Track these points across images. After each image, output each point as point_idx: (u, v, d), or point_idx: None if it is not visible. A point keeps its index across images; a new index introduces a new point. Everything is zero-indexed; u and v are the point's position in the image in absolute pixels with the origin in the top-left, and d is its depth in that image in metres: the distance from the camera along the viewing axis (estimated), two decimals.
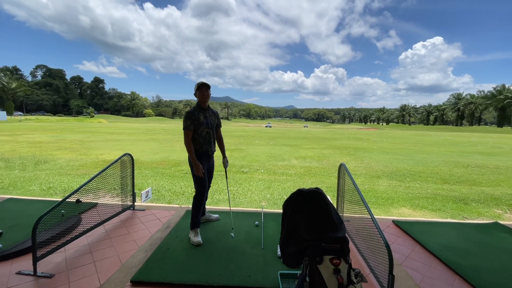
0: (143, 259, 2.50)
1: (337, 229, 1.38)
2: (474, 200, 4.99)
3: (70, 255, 2.57)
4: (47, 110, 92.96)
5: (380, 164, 9.16)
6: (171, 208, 3.94)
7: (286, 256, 1.49)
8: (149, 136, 19.72)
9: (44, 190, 4.96)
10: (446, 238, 3.13)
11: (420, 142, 21.11)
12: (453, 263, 2.57)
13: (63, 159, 8.55)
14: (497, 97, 68.16)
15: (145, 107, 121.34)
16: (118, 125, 41.87)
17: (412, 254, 2.78)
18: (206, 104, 3.02)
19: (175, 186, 5.39)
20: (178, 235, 3.00)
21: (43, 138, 15.21)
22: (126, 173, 3.63)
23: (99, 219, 3.09)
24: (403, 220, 3.69)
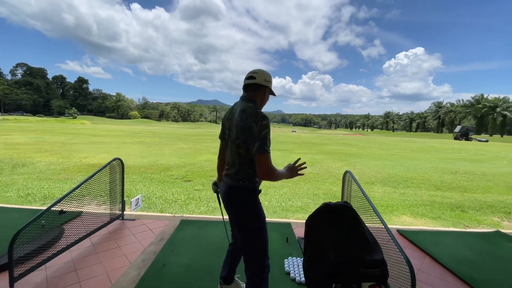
0: (136, 278, 2.23)
1: (373, 250, 1.21)
2: (470, 208, 4.99)
3: (51, 273, 2.26)
4: (27, 110, 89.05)
5: (372, 170, 9.17)
6: (164, 217, 3.66)
7: (312, 280, 1.30)
8: (136, 139, 19.08)
9: (22, 197, 4.54)
10: (453, 248, 3.04)
11: (407, 148, 21.57)
12: (467, 276, 2.46)
13: (43, 162, 8.01)
14: (476, 106, 71.35)
15: (131, 109, 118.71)
16: (102, 127, 40.47)
17: (423, 266, 2.66)
18: None
19: (166, 193, 5.09)
20: (174, 248, 2.74)
21: (22, 140, 14.35)
22: (115, 179, 3.34)
23: (85, 231, 2.78)
24: (407, 229, 3.59)
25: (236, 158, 1.58)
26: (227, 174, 1.64)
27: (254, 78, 1.67)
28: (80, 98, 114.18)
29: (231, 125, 1.65)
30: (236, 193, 1.59)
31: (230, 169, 1.62)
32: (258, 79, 1.67)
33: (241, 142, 1.53)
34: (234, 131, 1.58)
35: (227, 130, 1.71)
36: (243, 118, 1.52)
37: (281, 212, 4.31)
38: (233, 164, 1.60)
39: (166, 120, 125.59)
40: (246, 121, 1.50)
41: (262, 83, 1.68)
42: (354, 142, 27.26)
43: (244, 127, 1.51)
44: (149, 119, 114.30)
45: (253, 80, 1.67)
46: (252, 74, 1.69)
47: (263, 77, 1.68)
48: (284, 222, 3.62)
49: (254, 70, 1.71)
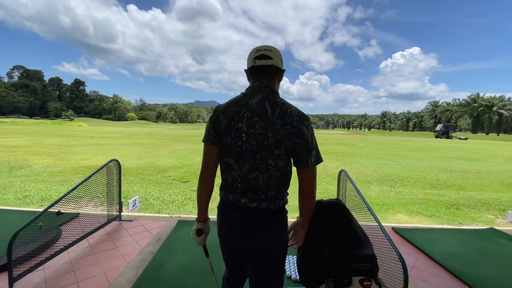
0: (133, 278, 2.26)
1: (363, 245, 1.25)
2: (465, 205, 5.06)
3: (50, 274, 2.28)
4: (23, 112, 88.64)
5: (369, 169, 9.23)
6: (161, 218, 3.68)
7: (306, 276, 1.33)
8: (133, 140, 19.05)
9: (20, 199, 4.55)
10: (447, 245, 3.09)
11: (403, 147, 21.71)
12: (460, 272, 2.51)
13: (40, 164, 7.99)
14: (472, 105, 71.94)
15: (128, 111, 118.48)
16: (99, 128, 40.34)
17: (417, 263, 2.70)
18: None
19: (163, 194, 5.11)
20: (171, 248, 2.77)
21: (19, 142, 14.29)
22: (111, 180, 3.36)
23: (82, 232, 2.80)
24: (402, 227, 3.63)
25: (274, 173, 1.18)
26: (256, 194, 1.18)
27: (271, 59, 1.22)
28: (77, 100, 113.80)
29: (262, 129, 1.14)
30: (279, 216, 1.23)
31: (260, 188, 1.18)
32: (275, 59, 1.23)
33: (283, 152, 1.15)
34: (271, 138, 1.13)
35: (244, 135, 1.17)
36: (288, 120, 1.13)
37: None
38: (267, 181, 1.17)
39: (164, 121, 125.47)
40: (293, 125, 1.13)
41: (279, 65, 1.25)
42: (351, 142, 27.38)
43: (292, 133, 1.13)
44: (146, 120, 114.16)
45: (270, 61, 1.22)
46: (265, 53, 1.22)
47: (279, 57, 1.25)
48: None
49: (264, 46, 1.24)
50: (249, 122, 1.16)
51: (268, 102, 1.17)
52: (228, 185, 1.24)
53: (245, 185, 1.19)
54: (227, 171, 1.24)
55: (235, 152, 1.19)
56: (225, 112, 1.21)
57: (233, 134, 1.18)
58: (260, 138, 1.15)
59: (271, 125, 1.13)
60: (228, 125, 1.19)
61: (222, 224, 1.29)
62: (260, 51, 1.22)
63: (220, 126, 1.21)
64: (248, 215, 1.20)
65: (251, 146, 1.16)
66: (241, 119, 1.17)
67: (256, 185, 1.18)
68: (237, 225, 1.22)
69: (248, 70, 1.27)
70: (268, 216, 1.20)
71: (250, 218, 1.19)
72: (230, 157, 1.21)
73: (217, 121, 1.22)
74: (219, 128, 1.22)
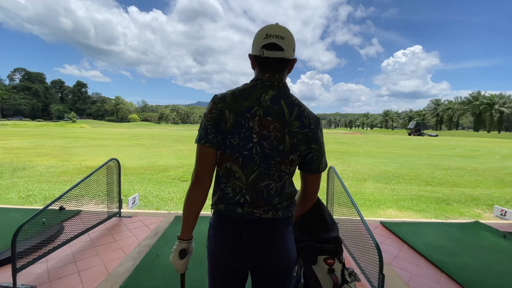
0: (131, 267, 2.42)
1: (330, 229, 1.39)
2: (456, 201, 5.19)
3: (52, 265, 2.45)
4: (25, 115, 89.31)
5: (366, 168, 9.36)
6: (160, 214, 3.85)
7: None
8: (135, 141, 19.28)
9: (23, 198, 4.73)
10: (431, 238, 3.23)
11: (403, 146, 21.78)
12: (439, 261, 2.65)
13: (43, 165, 8.20)
14: (473, 103, 71.66)
15: (130, 112, 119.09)
16: (101, 130, 40.69)
17: (400, 254, 2.85)
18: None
19: (163, 192, 5.28)
20: (167, 241, 2.93)
21: (21, 144, 14.55)
22: (112, 179, 3.52)
23: (83, 227, 2.97)
24: (390, 221, 3.77)
25: (288, 181, 1.05)
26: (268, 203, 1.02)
27: (282, 50, 0.99)
28: (79, 102, 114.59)
29: (277, 131, 0.98)
30: (289, 225, 1.11)
31: (272, 198, 1.02)
32: (287, 50, 1.01)
33: (296, 157, 1.02)
34: (288, 143, 0.98)
35: (255, 137, 0.97)
36: (306, 123, 1.00)
37: None
38: (281, 191, 1.03)
39: (166, 122, 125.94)
40: (311, 128, 1.01)
41: (291, 56, 1.03)
42: (352, 141, 27.46)
43: (309, 137, 1.01)
44: (148, 121, 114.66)
45: (281, 53, 1.00)
46: (277, 41, 0.98)
47: (292, 45, 1.03)
48: None
49: (275, 29, 1.00)
50: (262, 122, 0.97)
51: (284, 100, 1.00)
52: (230, 197, 1.02)
53: (254, 196, 1.00)
54: (228, 179, 1.02)
55: (242, 157, 0.98)
56: (232, 107, 0.98)
57: (242, 135, 0.97)
58: (275, 141, 0.98)
59: (288, 127, 0.98)
60: (237, 123, 0.97)
61: (222, 244, 1.05)
62: (269, 37, 0.98)
63: (226, 123, 0.98)
64: (261, 228, 1.02)
65: (263, 150, 0.98)
66: (253, 117, 0.97)
67: (267, 196, 1.01)
68: (249, 239, 1.02)
69: (253, 58, 1.05)
70: (284, 225, 1.06)
71: (264, 232, 1.02)
72: (234, 162, 0.99)
73: (220, 117, 0.98)
74: (224, 126, 0.98)
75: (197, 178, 1.03)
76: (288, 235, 1.09)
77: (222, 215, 1.05)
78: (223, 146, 1.00)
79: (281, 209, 1.04)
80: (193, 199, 1.04)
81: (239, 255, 1.03)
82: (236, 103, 0.98)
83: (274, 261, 1.04)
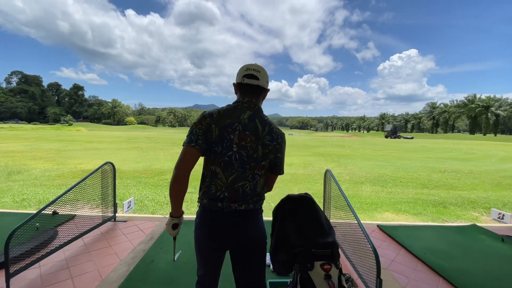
0: (125, 273, 2.38)
1: (326, 234, 1.38)
2: (452, 204, 5.20)
3: (45, 270, 2.40)
4: (22, 118, 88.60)
5: (363, 171, 9.37)
6: (155, 218, 3.81)
7: (277, 264, 1.46)
8: (131, 144, 19.18)
9: (18, 202, 4.67)
10: (428, 241, 3.22)
11: (399, 149, 21.89)
12: (437, 265, 2.64)
13: (38, 169, 8.11)
14: (469, 106, 72.36)
15: (127, 115, 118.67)
16: (98, 133, 40.46)
17: (397, 258, 2.83)
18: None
19: (158, 196, 5.23)
20: (162, 246, 2.89)
21: (17, 147, 14.40)
22: (107, 183, 3.48)
23: (77, 232, 2.92)
24: (387, 224, 3.76)
25: (260, 181, 1.33)
26: (244, 198, 1.29)
27: (258, 79, 1.33)
28: (76, 105, 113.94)
29: (252, 143, 1.27)
30: (260, 214, 1.38)
31: (247, 195, 1.29)
32: (261, 80, 1.34)
33: (267, 163, 1.33)
34: (260, 153, 1.28)
35: (235, 147, 1.26)
36: (274, 137, 1.31)
37: (268, 212, 4.43)
38: (254, 189, 1.31)
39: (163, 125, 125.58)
40: (278, 141, 1.32)
41: (264, 85, 1.36)
42: (349, 144, 27.55)
43: (276, 148, 1.32)
44: (145, 124, 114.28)
45: (257, 81, 1.33)
46: (254, 73, 1.32)
47: (266, 78, 1.37)
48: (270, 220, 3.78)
49: (254, 65, 1.35)
50: (241, 135, 1.26)
51: (258, 119, 1.30)
52: (213, 193, 1.28)
53: (231, 193, 1.27)
54: (212, 179, 1.29)
55: (224, 162, 1.26)
56: (217, 122, 1.26)
57: (224, 144, 1.25)
58: (250, 151, 1.27)
59: (261, 140, 1.28)
60: (221, 135, 1.25)
61: (207, 229, 1.32)
62: (249, 70, 1.32)
63: (212, 135, 1.25)
64: (238, 216, 1.29)
65: (241, 157, 1.26)
66: (234, 131, 1.26)
67: (243, 194, 1.28)
68: (227, 226, 1.29)
69: (237, 85, 1.37)
70: (255, 214, 1.34)
71: (240, 218, 1.30)
72: (217, 166, 1.27)
73: (208, 129, 1.26)
74: (210, 136, 1.25)
75: (177, 176, 1.25)
76: (259, 220, 1.37)
77: (206, 208, 1.32)
78: (208, 152, 1.28)
79: (252, 202, 1.31)
80: (180, 186, 1.27)
81: (217, 239, 1.32)
82: (220, 119, 1.27)
83: (250, 236, 1.32)
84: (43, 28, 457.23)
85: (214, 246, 1.33)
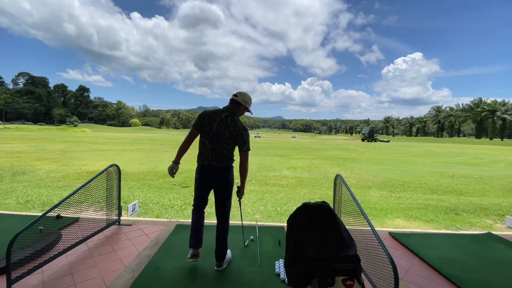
0: (130, 280, 2.30)
1: (347, 246, 1.29)
2: (465, 211, 5.04)
3: (48, 276, 2.33)
4: (28, 118, 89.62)
5: (369, 175, 9.22)
6: (160, 222, 3.72)
7: (293, 277, 1.37)
8: (136, 146, 19.19)
9: (21, 203, 4.62)
10: (443, 250, 3.09)
11: (405, 152, 21.61)
12: (455, 277, 2.51)
13: (43, 170, 8.09)
14: (475, 110, 71.53)
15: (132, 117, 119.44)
16: (103, 134, 40.67)
17: (412, 267, 2.71)
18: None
19: (163, 199, 5.16)
20: (168, 252, 2.80)
21: (22, 148, 14.48)
22: (111, 185, 3.41)
23: (81, 236, 2.85)
24: (399, 231, 3.64)
25: (226, 150, 2.39)
26: (218, 159, 2.37)
27: (237, 96, 2.50)
28: (81, 106, 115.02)
29: (223, 129, 2.37)
30: (229, 170, 2.45)
31: (220, 157, 2.37)
32: (239, 97, 2.50)
33: (231, 142, 2.39)
34: (227, 135, 2.36)
35: (214, 129, 2.37)
36: (237, 129, 2.38)
37: (276, 217, 4.36)
38: (222, 154, 2.38)
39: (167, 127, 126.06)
40: (239, 131, 2.38)
41: (241, 102, 2.51)
42: (353, 147, 27.30)
43: (237, 135, 2.38)
44: (149, 126, 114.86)
45: (236, 97, 2.50)
46: (237, 93, 2.51)
47: (242, 98, 2.51)
48: (278, 226, 3.68)
49: (239, 91, 2.53)
50: (219, 124, 2.39)
51: (230, 117, 2.41)
52: (203, 155, 2.42)
53: (212, 156, 2.38)
54: (202, 147, 2.43)
55: (209, 137, 2.38)
56: (208, 116, 2.42)
57: (209, 127, 2.39)
58: (222, 133, 2.37)
59: (228, 128, 2.38)
60: (208, 122, 2.40)
61: (199, 176, 2.47)
62: (236, 92, 2.53)
63: (203, 121, 2.42)
64: (215, 169, 2.40)
65: (217, 136, 2.37)
66: (215, 121, 2.40)
67: (219, 156, 2.38)
68: (209, 174, 2.42)
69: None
70: (226, 169, 2.43)
71: (217, 170, 2.40)
72: (206, 139, 2.40)
73: (203, 119, 2.43)
74: (203, 123, 2.42)
75: (184, 141, 2.50)
76: (229, 173, 2.45)
77: (200, 165, 2.47)
78: (201, 132, 2.43)
79: (224, 161, 2.41)
80: (181, 149, 2.52)
81: (204, 181, 2.47)
82: (210, 115, 2.43)
83: (222, 181, 2.44)
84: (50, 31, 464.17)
85: (203, 183, 2.48)
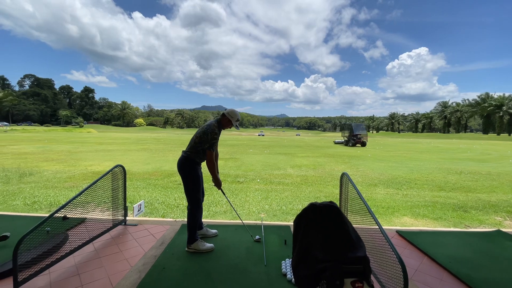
0: (136, 281, 2.30)
1: (356, 247, 1.26)
2: (473, 208, 4.96)
3: (55, 278, 2.34)
4: (34, 120, 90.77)
5: (375, 172, 9.13)
6: (166, 222, 3.73)
7: (300, 279, 1.35)
8: (141, 146, 19.32)
9: (29, 205, 4.67)
10: (452, 248, 3.04)
11: (411, 149, 21.38)
12: (464, 275, 2.47)
13: (49, 171, 8.18)
14: (482, 105, 70.40)
15: (136, 117, 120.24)
16: (108, 135, 41.04)
17: (421, 266, 2.67)
18: None
19: (169, 198, 5.17)
20: (174, 252, 2.80)
21: (29, 149, 14.67)
22: (117, 186, 3.42)
23: (88, 236, 2.86)
24: (407, 230, 3.59)
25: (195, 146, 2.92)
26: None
27: (225, 110, 3.05)
28: (87, 107, 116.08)
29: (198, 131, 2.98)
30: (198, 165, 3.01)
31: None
32: (227, 111, 3.03)
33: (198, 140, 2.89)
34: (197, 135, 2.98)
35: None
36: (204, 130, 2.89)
37: (281, 215, 4.34)
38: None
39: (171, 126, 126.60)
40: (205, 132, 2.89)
41: (226, 114, 3.00)
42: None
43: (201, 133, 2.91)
44: (154, 126, 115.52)
45: (225, 111, 3.05)
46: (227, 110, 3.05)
47: (227, 112, 3.01)
48: (283, 225, 3.66)
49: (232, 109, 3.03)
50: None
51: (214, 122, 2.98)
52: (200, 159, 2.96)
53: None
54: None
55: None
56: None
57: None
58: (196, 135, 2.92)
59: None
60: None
61: (198, 172, 2.94)
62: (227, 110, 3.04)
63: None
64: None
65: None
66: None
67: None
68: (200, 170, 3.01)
69: None
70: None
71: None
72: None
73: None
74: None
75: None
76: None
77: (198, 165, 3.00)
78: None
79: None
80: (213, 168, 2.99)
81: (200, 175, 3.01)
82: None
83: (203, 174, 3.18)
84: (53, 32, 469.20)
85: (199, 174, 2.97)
